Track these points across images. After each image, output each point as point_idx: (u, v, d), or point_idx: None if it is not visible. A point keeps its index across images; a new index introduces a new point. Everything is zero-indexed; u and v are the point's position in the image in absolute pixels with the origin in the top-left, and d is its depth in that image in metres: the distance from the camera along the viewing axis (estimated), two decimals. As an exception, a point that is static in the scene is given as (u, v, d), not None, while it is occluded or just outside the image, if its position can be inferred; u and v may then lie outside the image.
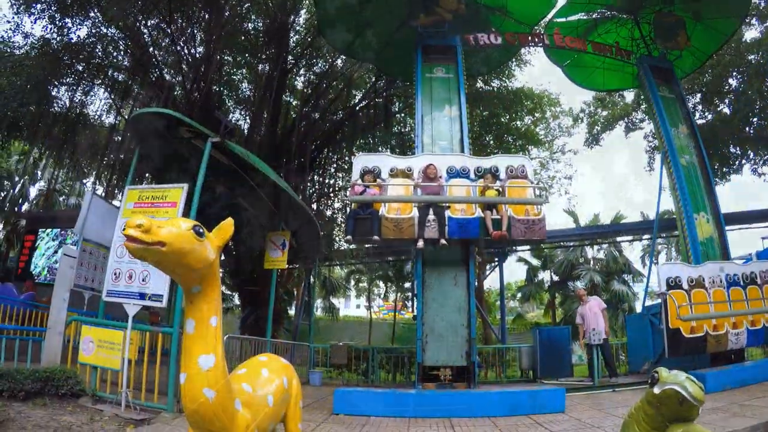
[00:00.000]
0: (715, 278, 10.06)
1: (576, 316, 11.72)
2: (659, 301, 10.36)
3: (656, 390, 2.91)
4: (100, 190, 19.33)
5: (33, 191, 30.38)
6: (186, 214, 7.07)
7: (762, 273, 10.46)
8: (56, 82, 16.90)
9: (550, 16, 15.08)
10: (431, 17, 12.75)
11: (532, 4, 14.00)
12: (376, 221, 9.17)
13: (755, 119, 19.20)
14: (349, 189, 10.00)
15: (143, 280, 6.97)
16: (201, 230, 2.33)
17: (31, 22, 15.39)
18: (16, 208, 28.47)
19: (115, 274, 7.16)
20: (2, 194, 29.64)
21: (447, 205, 9.40)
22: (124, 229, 2.12)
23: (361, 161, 10.34)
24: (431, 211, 9.19)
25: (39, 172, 26.02)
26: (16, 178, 28.97)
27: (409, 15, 13.25)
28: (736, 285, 10.15)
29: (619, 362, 14.16)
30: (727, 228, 12.68)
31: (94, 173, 19.48)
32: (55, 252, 18.21)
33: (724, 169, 20.85)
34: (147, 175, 16.19)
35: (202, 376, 2.40)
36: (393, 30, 14.16)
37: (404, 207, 9.42)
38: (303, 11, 19.38)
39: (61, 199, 29.33)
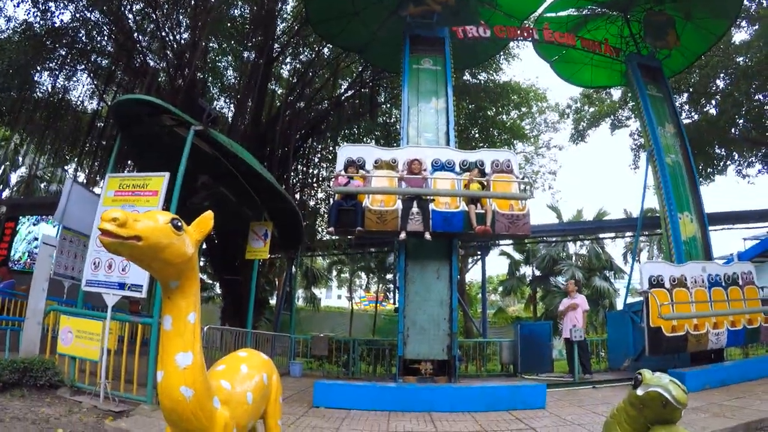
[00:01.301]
0: (697, 278, 10.15)
1: (560, 305, 11.73)
2: (640, 299, 10.43)
3: (639, 392, 2.91)
4: (81, 177, 19.08)
5: (14, 177, 29.92)
6: (168, 202, 6.96)
7: (743, 274, 10.59)
8: (39, 67, 16.59)
9: (540, 10, 15.08)
10: (420, 7, 12.64)
11: (523, -2, 13.97)
12: (359, 213, 9.11)
13: (741, 121, 19.32)
14: (333, 180, 9.87)
15: (123, 270, 6.83)
16: (179, 224, 2.26)
17: (14, 5, 15.05)
18: None
19: (94, 263, 7.02)
20: None
21: (431, 198, 9.34)
22: (99, 223, 2.04)
23: (346, 152, 10.27)
24: (415, 204, 9.14)
25: (20, 158, 25.56)
26: None
27: (398, 5, 13.14)
28: (717, 285, 10.25)
29: (599, 359, 14.29)
30: (710, 228, 12.76)
31: (75, 160, 19.12)
32: (36, 238, 17.91)
33: (709, 170, 20.99)
34: (129, 162, 15.96)
35: (180, 375, 2.33)
36: (381, 20, 14.04)
37: (388, 199, 9.36)
38: (290, -1, 19.15)
39: (42, 185, 28.96)
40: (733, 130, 19.59)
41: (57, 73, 17.28)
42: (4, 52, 15.01)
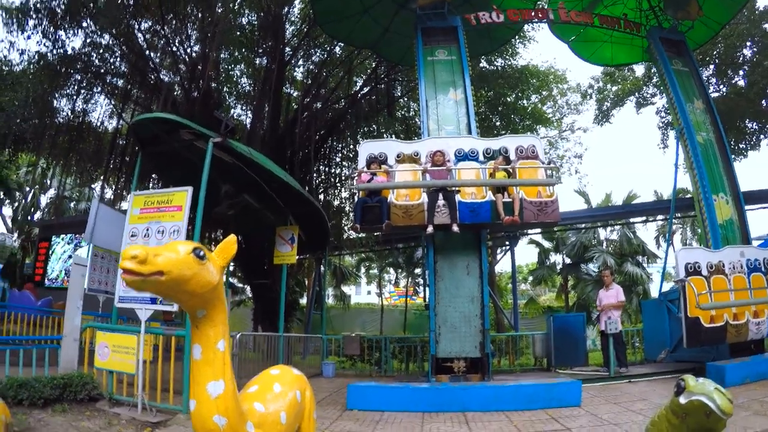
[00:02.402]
0: (735, 264, 9.69)
1: (598, 300, 11.41)
2: (676, 286, 10.13)
3: (682, 400, 2.78)
4: (108, 193, 19.61)
5: (44, 200, 31.05)
6: (192, 215, 7.03)
7: None
8: (56, 94, 16.96)
9: (553, -11, 14.70)
10: (430, -2, 12.47)
11: (535, -23, 13.67)
12: (384, 209, 9.08)
13: None
14: (356, 177, 9.86)
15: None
16: (202, 253, 2.21)
17: (24, 39, 15.41)
18: (28, 218, 29.29)
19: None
20: (15, 205, 30.59)
21: (457, 189, 9.23)
22: (120, 261, 2.02)
23: (367, 148, 10.22)
24: (441, 196, 9.04)
25: (48, 181, 26.32)
26: (27, 188, 29.67)
27: (407, -2, 12.99)
28: (757, 271, 9.79)
29: (635, 349, 13.96)
30: (746, 208, 12.19)
31: (101, 178, 19.55)
32: (70, 257, 18.53)
33: (741, 145, 20.19)
34: (154, 177, 16.22)
35: (212, 404, 2.31)
36: (391, 15, 13.91)
37: (413, 193, 9.31)
38: (297, 1, 19.12)
39: (71, 204, 29.82)
40: (763, 102, 18.78)
41: (75, 97, 17.71)
42: (21, 84, 15.40)
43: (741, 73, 19.33)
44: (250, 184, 10.00)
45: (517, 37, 18.46)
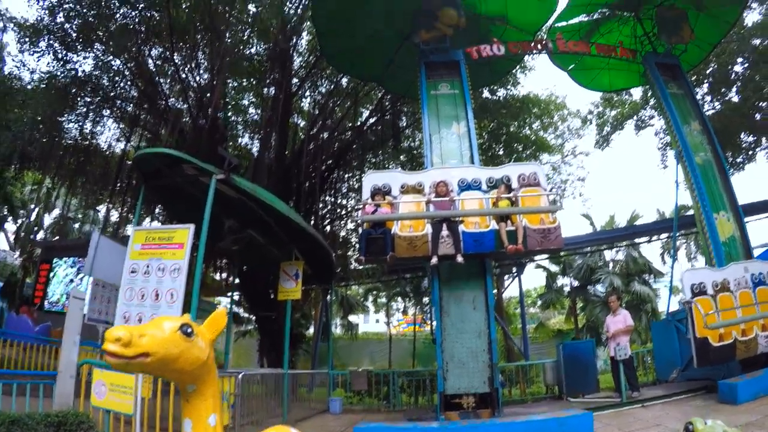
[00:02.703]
0: (740, 280, 9.72)
1: (606, 326, 11.31)
2: (683, 307, 10.03)
3: None
4: (114, 216, 19.71)
5: (48, 220, 30.84)
6: (194, 252, 7.00)
7: None
8: (65, 115, 17.11)
9: (551, 21, 14.90)
10: (432, 33, 12.67)
11: (532, 10, 13.83)
12: (389, 240, 9.09)
13: (765, 104, 18.73)
14: (360, 209, 9.92)
15: (154, 323, 6.84)
16: (189, 329, 2.16)
17: (35, 59, 15.62)
18: (31, 237, 28.99)
19: (124, 317, 7.09)
20: (18, 223, 30.25)
21: (460, 219, 9.28)
22: (103, 344, 1.98)
23: (371, 179, 10.32)
24: (445, 227, 9.09)
25: (53, 201, 26.38)
26: (32, 206, 29.48)
27: (409, 33, 13.18)
28: (762, 284, 9.80)
29: (646, 370, 13.82)
30: (746, 220, 12.35)
31: (106, 201, 19.66)
32: (72, 280, 18.42)
33: (738, 159, 20.39)
34: (160, 207, 16.28)
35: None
36: (395, 49, 14.10)
37: (417, 224, 9.37)
38: (305, 33, 19.42)
39: (75, 226, 29.70)
40: (757, 116, 18.94)
41: (84, 119, 17.82)
42: (29, 104, 15.55)
43: (734, 89, 19.50)
44: (254, 219, 9.99)
45: (518, 67, 18.64)
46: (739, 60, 18.64)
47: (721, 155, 12.79)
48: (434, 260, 8.89)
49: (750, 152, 20.46)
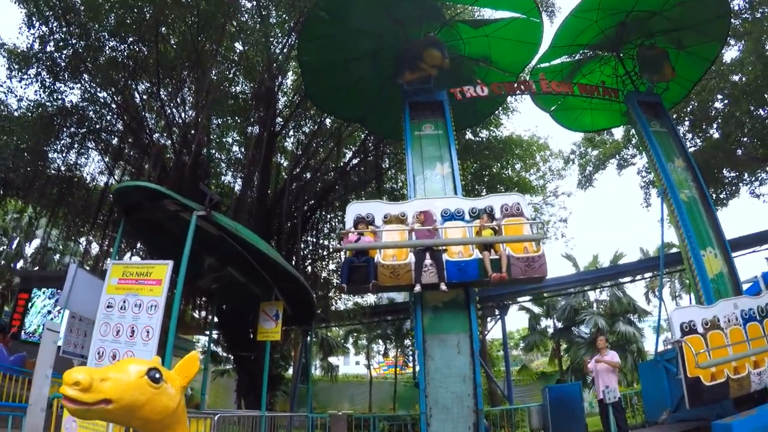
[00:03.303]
0: (730, 317, 9.60)
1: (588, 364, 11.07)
2: (672, 347, 9.91)
3: None
4: (95, 249, 19.38)
5: (29, 249, 30.16)
6: (173, 289, 6.77)
7: None
8: (50, 144, 16.87)
9: (533, 62, 15.18)
10: (416, 74, 12.81)
11: (515, 52, 14.09)
12: (371, 268, 9.11)
13: (746, 139, 18.96)
14: (343, 237, 9.93)
15: (129, 360, 6.54)
16: (158, 375, 1.97)
17: (22, 87, 15.47)
18: (12, 265, 28.26)
19: (98, 353, 6.79)
20: None
21: (444, 248, 9.34)
22: (62, 387, 1.78)
23: (354, 209, 10.44)
24: (428, 256, 9.14)
25: (35, 230, 25.87)
26: (13, 235, 28.92)
27: (394, 73, 13.32)
28: (752, 320, 9.70)
29: (635, 412, 13.60)
30: (733, 254, 12.35)
31: (90, 232, 19.28)
32: (50, 312, 17.96)
33: (722, 195, 20.46)
34: (140, 243, 15.96)
35: None
36: (379, 90, 14.24)
37: (400, 253, 9.44)
38: (290, 73, 19.57)
39: (56, 257, 29.08)
40: (739, 151, 19.21)
41: (68, 150, 17.61)
42: (14, 130, 15.31)
43: (715, 126, 19.79)
44: (235, 258, 9.76)
45: (501, 108, 18.89)
46: (719, 96, 18.95)
47: (706, 191, 12.92)
48: (417, 288, 8.90)
49: (733, 187, 20.58)
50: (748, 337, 9.47)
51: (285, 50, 17.30)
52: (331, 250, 21.02)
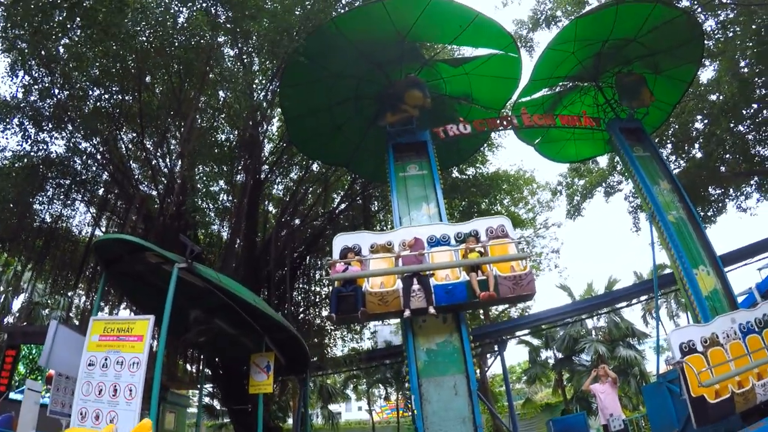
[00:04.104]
0: (728, 332, 9.57)
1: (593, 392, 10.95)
2: (674, 368, 9.77)
3: None
4: (83, 301, 19.15)
5: (16, 304, 29.49)
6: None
7: None
8: (35, 196, 16.67)
9: (514, 97, 15.38)
10: (398, 115, 12.94)
11: (496, 88, 14.31)
12: (359, 297, 9.21)
13: (728, 156, 19.15)
14: (330, 268, 10.04)
15: (111, 421, 6.30)
16: None
17: (5, 137, 15.34)
18: None
19: (81, 413, 6.51)
20: None
21: (431, 273, 9.48)
22: None
23: (341, 240, 10.59)
24: (415, 281, 9.24)
25: (21, 284, 25.36)
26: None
27: (376, 116, 13.42)
28: (751, 333, 9.67)
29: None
30: (726, 269, 12.37)
31: (74, 286, 18.91)
32: (38, 369, 17.45)
33: (709, 213, 20.56)
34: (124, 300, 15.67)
35: None
36: (363, 132, 14.34)
37: (387, 280, 9.58)
38: (275, 119, 19.65)
39: (45, 312, 28.44)
40: (722, 168, 19.38)
41: (53, 201, 17.34)
42: None
43: (697, 145, 20.02)
44: (222, 309, 9.54)
45: (486, 145, 19.08)
46: (699, 117, 19.26)
47: (694, 211, 13.04)
48: (407, 313, 8.95)
49: (720, 204, 20.70)
50: (749, 349, 9.42)
51: (269, 96, 17.45)
52: (323, 296, 20.73)
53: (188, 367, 20.92)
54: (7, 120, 14.93)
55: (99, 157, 16.85)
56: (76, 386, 6.79)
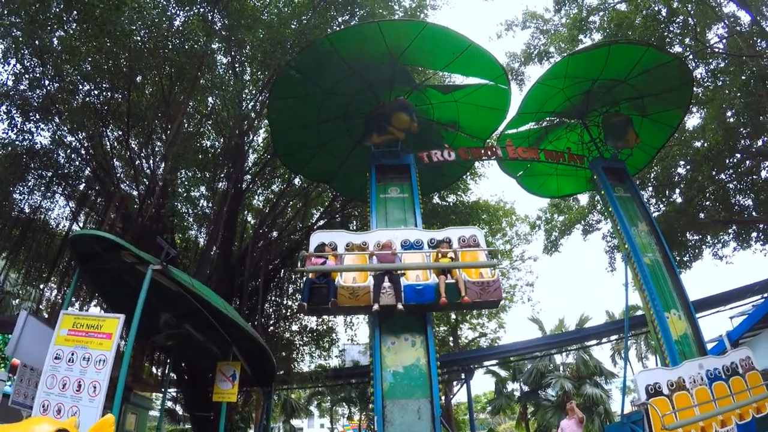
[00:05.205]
0: (695, 377, 9.69)
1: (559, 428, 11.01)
2: (637, 409, 9.89)
3: None
4: (55, 295, 18.66)
5: None
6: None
7: (742, 361, 10.16)
8: (16, 185, 16.38)
9: (501, 128, 15.55)
10: (384, 137, 13.01)
11: (483, 117, 14.46)
12: (332, 289, 9.50)
13: (708, 203, 19.39)
14: (305, 260, 10.16)
15: (74, 414, 6.19)
16: None
17: None
18: None
19: (42, 406, 6.39)
20: None
21: (402, 273, 9.77)
22: None
23: (318, 237, 10.93)
24: (386, 279, 9.53)
25: None
26: None
27: (362, 135, 13.50)
28: (718, 380, 9.80)
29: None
30: (698, 315, 12.55)
31: (47, 278, 18.50)
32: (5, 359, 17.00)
33: (685, 258, 20.74)
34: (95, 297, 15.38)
35: None
36: (348, 151, 14.39)
37: (360, 276, 9.85)
38: (261, 130, 19.67)
39: (15, 302, 27.77)
40: (701, 215, 19.57)
41: (33, 192, 17.08)
42: None
43: (677, 191, 20.32)
44: (192, 314, 9.45)
45: (468, 173, 19.23)
46: (682, 162, 19.56)
47: (670, 254, 13.20)
48: (376, 307, 9.22)
49: (696, 250, 20.93)
50: (714, 396, 9.53)
51: (257, 107, 17.48)
52: (294, 310, 20.60)
53: (154, 369, 20.60)
54: None
55: (83, 152, 16.70)
56: (41, 379, 6.68)
